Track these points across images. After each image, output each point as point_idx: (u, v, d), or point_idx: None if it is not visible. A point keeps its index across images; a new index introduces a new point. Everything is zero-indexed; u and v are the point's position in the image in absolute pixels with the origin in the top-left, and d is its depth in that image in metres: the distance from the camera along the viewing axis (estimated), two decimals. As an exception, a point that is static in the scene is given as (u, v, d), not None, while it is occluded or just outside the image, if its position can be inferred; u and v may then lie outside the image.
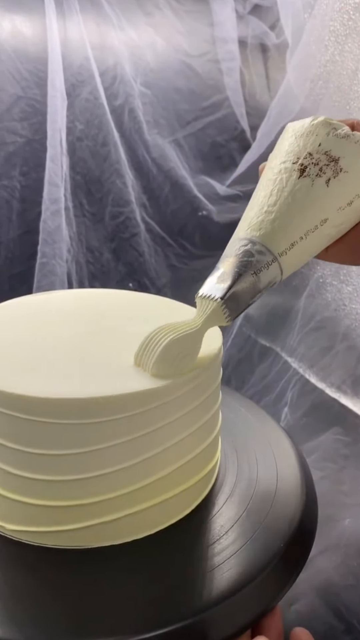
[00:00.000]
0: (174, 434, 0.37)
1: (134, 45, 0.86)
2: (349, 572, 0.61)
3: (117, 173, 0.86)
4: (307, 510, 0.41)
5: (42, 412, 0.33)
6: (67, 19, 0.80)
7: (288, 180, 0.37)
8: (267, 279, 0.36)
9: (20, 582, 0.34)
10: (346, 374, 0.76)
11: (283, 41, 0.87)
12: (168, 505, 0.38)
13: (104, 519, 0.36)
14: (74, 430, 0.34)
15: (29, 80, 0.79)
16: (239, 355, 0.92)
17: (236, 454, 0.46)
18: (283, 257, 0.36)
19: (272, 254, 0.35)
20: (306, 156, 0.37)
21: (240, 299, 0.35)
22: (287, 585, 0.37)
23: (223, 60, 0.92)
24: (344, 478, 0.68)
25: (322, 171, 0.36)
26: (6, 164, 0.80)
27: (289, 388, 0.81)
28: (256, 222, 0.36)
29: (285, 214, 0.36)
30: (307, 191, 0.36)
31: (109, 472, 0.35)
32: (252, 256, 0.35)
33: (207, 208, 0.94)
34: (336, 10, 0.74)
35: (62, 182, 0.80)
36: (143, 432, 0.35)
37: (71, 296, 0.51)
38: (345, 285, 0.78)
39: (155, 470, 0.37)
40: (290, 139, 0.38)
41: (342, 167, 0.36)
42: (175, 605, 0.33)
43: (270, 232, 0.36)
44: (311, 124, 0.38)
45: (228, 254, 0.36)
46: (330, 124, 0.37)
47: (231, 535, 0.38)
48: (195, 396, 0.37)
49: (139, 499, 0.37)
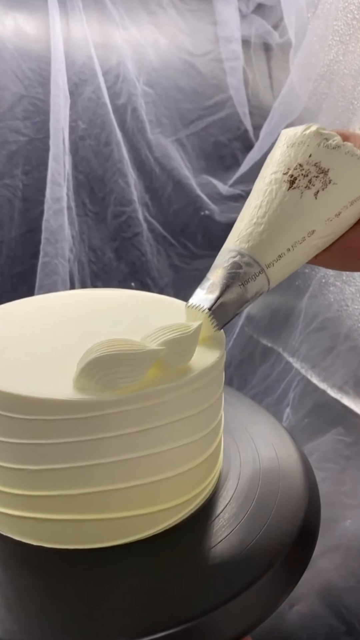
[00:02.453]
0: (174, 436, 0.37)
1: (136, 44, 0.86)
2: (350, 574, 0.61)
3: (119, 172, 0.86)
4: (309, 513, 0.41)
5: (41, 412, 0.34)
6: (70, 17, 0.79)
7: (277, 191, 0.37)
8: (254, 289, 0.37)
9: (20, 582, 0.34)
10: (348, 375, 0.76)
11: (286, 40, 0.87)
12: (169, 506, 0.38)
13: (104, 515, 0.36)
14: (72, 422, 0.34)
15: (31, 79, 0.79)
16: (241, 355, 0.92)
17: (239, 455, 0.46)
18: (270, 269, 0.37)
19: (259, 266, 0.37)
20: (296, 167, 0.37)
21: (228, 309, 0.37)
22: (290, 588, 0.37)
23: (226, 59, 0.92)
24: (345, 479, 0.68)
25: (312, 183, 0.37)
26: (9, 163, 0.80)
27: (291, 388, 0.81)
28: (245, 234, 0.37)
29: (273, 226, 0.37)
30: (295, 203, 0.37)
31: (108, 461, 0.35)
32: (240, 268, 0.36)
33: (210, 208, 0.94)
34: (340, 10, 0.74)
35: (65, 181, 0.79)
36: (140, 428, 0.35)
37: (73, 297, 0.51)
38: (347, 286, 0.77)
39: (155, 470, 0.36)
40: (282, 148, 0.39)
41: (331, 179, 0.37)
42: (176, 608, 0.33)
43: (259, 244, 0.37)
44: (303, 133, 0.38)
45: (217, 264, 0.38)
46: (322, 134, 0.38)
47: (233, 537, 0.38)
48: (193, 401, 0.37)
49: (140, 498, 0.37)
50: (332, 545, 0.62)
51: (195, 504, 0.40)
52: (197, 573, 0.35)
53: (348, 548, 0.62)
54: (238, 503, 0.41)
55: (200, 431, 0.38)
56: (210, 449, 0.40)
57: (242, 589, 0.34)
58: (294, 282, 0.86)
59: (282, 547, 0.37)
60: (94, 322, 0.43)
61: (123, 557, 0.36)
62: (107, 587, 0.34)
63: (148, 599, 0.33)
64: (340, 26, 0.76)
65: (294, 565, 0.38)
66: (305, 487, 0.43)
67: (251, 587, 0.34)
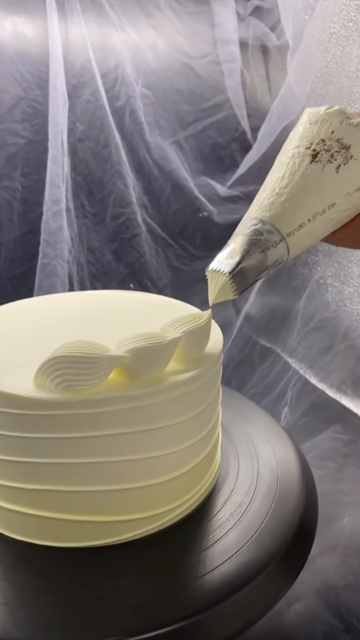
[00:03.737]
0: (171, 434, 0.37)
1: (135, 46, 0.86)
2: (349, 572, 0.61)
3: (118, 174, 0.86)
4: (307, 512, 0.41)
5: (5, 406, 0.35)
6: (68, 20, 0.80)
7: (300, 164, 0.38)
8: (274, 257, 0.37)
9: (19, 581, 0.35)
10: (346, 374, 0.76)
11: (284, 43, 0.87)
12: (167, 505, 0.38)
13: (103, 517, 0.36)
14: (71, 418, 0.34)
15: (30, 82, 0.79)
16: (239, 356, 0.92)
17: (237, 454, 0.46)
18: (291, 238, 0.37)
19: (280, 234, 0.37)
20: (319, 142, 0.38)
21: (248, 275, 0.37)
22: (287, 587, 0.37)
23: (224, 61, 0.92)
24: (343, 477, 0.68)
25: (333, 157, 0.38)
26: (8, 165, 0.80)
27: (289, 388, 0.81)
28: (267, 203, 0.38)
29: (295, 196, 0.38)
30: (317, 176, 0.38)
31: (105, 461, 0.35)
32: (261, 235, 0.37)
33: (208, 209, 0.94)
34: (337, 13, 0.75)
35: (64, 183, 0.80)
36: (137, 428, 0.35)
37: (72, 299, 0.52)
38: (345, 286, 0.78)
39: (153, 471, 0.37)
40: (305, 124, 0.40)
41: (352, 155, 0.38)
42: (174, 606, 0.33)
43: (280, 213, 0.37)
44: (326, 112, 0.39)
45: (239, 232, 0.38)
46: (344, 113, 0.39)
47: (231, 535, 0.38)
48: (190, 402, 0.37)
49: (138, 499, 0.37)
50: (331, 544, 0.62)
51: (193, 503, 0.40)
52: (194, 571, 0.35)
53: (346, 546, 0.62)
54: (236, 502, 0.41)
55: (189, 439, 0.38)
56: (204, 453, 0.40)
57: (239, 587, 0.34)
58: (292, 282, 0.87)
59: (280, 545, 0.37)
60: (91, 323, 0.44)
61: (120, 556, 0.36)
62: (105, 585, 0.34)
63: (146, 597, 0.33)
64: (337, 28, 0.76)
65: (291, 563, 0.38)
66: (302, 486, 0.43)
67: (248, 585, 0.35)
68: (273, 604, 0.36)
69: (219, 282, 0.37)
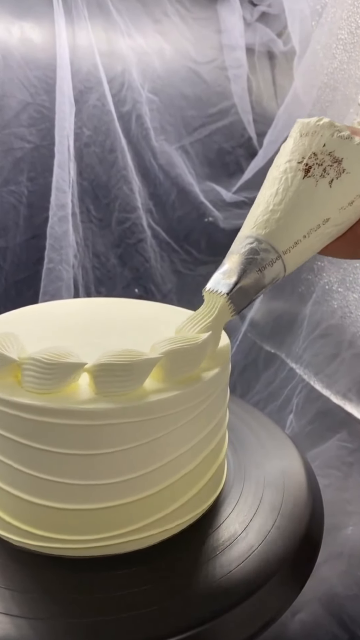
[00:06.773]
0: (177, 447, 0.37)
1: (141, 52, 0.87)
2: (353, 582, 0.61)
3: (124, 179, 0.86)
4: (313, 522, 0.41)
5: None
6: (75, 25, 0.80)
7: (293, 180, 0.38)
8: (271, 275, 0.37)
9: (23, 590, 0.34)
10: (352, 382, 0.76)
11: (290, 49, 0.87)
12: (173, 515, 0.38)
13: (107, 533, 0.36)
14: (80, 431, 0.34)
15: (37, 87, 0.79)
16: (244, 361, 0.92)
17: (242, 462, 0.46)
18: (287, 255, 0.37)
19: (276, 252, 0.37)
20: (311, 156, 0.38)
21: (246, 294, 0.37)
22: (292, 597, 0.37)
23: (230, 67, 0.93)
24: (348, 486, 0.68)
25: (326, 172, 0.37)
26: (14, 170, 0.80)
27: (295, 395, 0.81)
28: (262, 220, 0.38)
29: (290, 213, 0.37)
30: (311, 192, 0.37)
31: (113, 481, 0.35)
32: (257, 254, 0.37)
33: (213, 214, 0.94)
34: (344, 19, 0.75)
35: (70, 188, 0.80)
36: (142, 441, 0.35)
37: (77, 306, 0.52)
38: (351, 293, 0.78)
39: (158, 481, 0.37)
40: (296, 137, 0.40)
41: (344, 168, 0.37)
42: (178, 616, 0.33)
43: (276, 231, 0.37)
44: (316, 124, 0.39)
45: (234, 250, 0.38)
46: (334, 125, 0.38)
47: (236, 545, 0.38)
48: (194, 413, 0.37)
49: (143, 511, 0.37)
50: (335, 553, 0.62)
51: (198, 512, 0.40)
52: (199, 581, 0.35)
53: (351, 556, 0.62)
54: (241, 511, 0.41)
55: (203, 432, 0.38)
56: (214, 467, 0.40)
57: (244, 597, 0.34)
58: (298, 288, 0.87)
59: (285, 555, 0.37)
60: (95, 332, 0.43)
61: (124, 567, 0.36)
62: (109, 595, 0.34)
63: (149, 608, 0.33)
64: (344, 35, 0.76)
65: (297, 573, 0.38)
66: (308, 495, 0.43)
67: (253, 595, 0.34)
68: (278, 616, 0.35)
69: (217, 303, 0.37)
